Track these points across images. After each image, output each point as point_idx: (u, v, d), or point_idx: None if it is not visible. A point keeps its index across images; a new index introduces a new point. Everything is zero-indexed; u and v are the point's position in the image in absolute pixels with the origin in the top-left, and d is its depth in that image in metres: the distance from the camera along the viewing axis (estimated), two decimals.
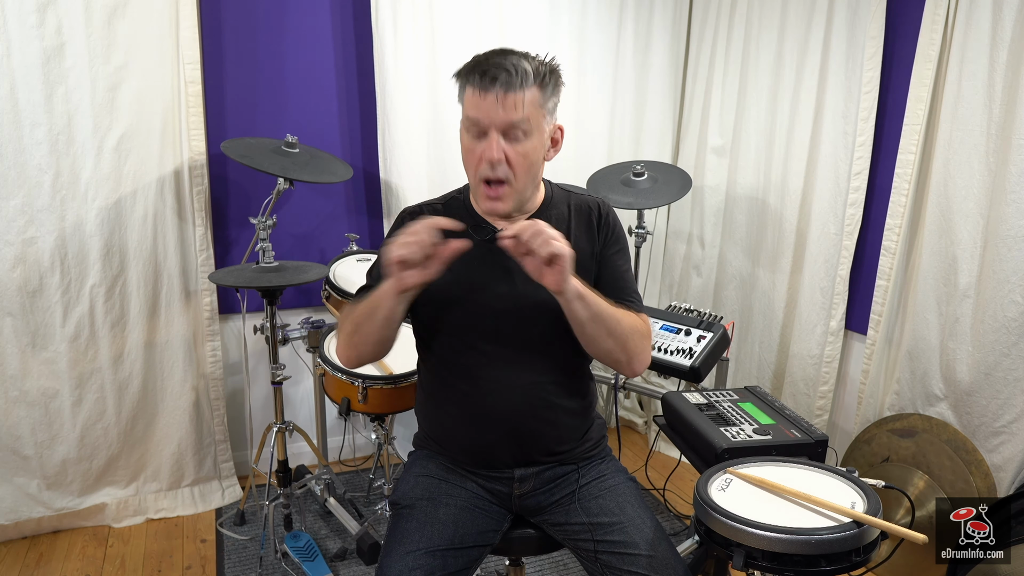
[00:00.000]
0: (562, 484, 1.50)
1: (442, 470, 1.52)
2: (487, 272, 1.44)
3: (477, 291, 1.44)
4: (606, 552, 1.38)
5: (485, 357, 1.44)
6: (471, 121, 1.35)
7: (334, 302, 2.49)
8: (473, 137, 1.36)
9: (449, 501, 1.45)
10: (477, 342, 1.45)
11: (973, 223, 2.12)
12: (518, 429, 1.45)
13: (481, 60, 1.34)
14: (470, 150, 1.37)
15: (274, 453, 2.37)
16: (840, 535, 1.15)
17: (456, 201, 1.52)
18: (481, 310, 1.44)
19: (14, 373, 2.34)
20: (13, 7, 2.13)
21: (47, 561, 2.38)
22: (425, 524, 1.40)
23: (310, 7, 2.65)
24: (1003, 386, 2.06)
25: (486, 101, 1.32)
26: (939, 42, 2.18)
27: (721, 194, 3.04)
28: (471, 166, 1.38)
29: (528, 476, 1.49)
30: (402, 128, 2.71)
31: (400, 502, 1.49)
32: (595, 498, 1.47)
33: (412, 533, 1.38)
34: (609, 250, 1.52)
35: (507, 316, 1.43)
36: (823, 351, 2.64)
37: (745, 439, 1.60)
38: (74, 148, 2.29)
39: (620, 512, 1.43)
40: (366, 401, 2.11)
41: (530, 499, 1.50)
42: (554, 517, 1.49)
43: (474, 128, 1.35)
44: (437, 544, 1.36)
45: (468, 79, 1.34)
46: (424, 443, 1.60)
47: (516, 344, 1.45)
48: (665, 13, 3.07)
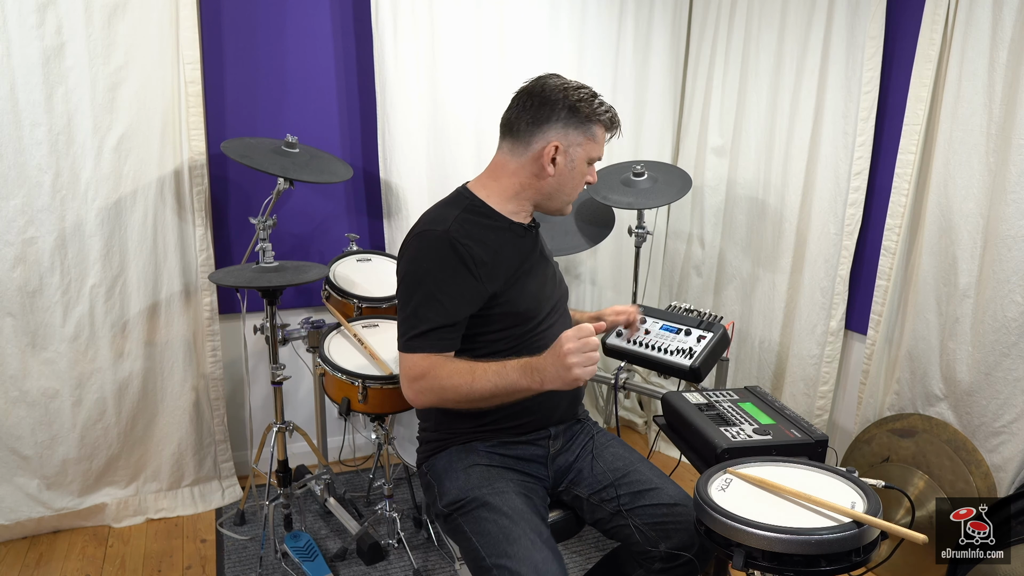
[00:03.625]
0: (576, 440, 1.73)
1: (485, 456, 1.61)
2: (535, 262, 1.66)
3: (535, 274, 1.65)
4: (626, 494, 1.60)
5: (548, 331, 1.63)
6: (596, 157, 1.62)
7: (334, 302, 2.49)
8: (587, 164, 1.62)
9: (509, 487, 1.54)
10: (540, 322, 1.63)
11: (973, 223, 2.12)
12: (575, 390, 1.58)
13: (608, 109, 1.59)
14: (583, 174, 1.62)
15: (274, 453, 2.37)
16: (840, 535, 1.15)
17: (476, 207, 1.60)
18: (542, 294, 1.65)
19: (14, 373, 2.34)
20: (13, 7, 2.13)
21: (47, 561, 2.38)
22: (519, 514, 1.47)
23: (310, 7, 2.65)
24: (1003, 386, 2.06)
25: (605, 143, 1.63)
26: (939, 42, 2.18)
27: (721, 194, 3.04)
28: (578, 185, 1.63)
29: (559, 433, 1.69)
30: (402, 128, 2.71)
31: (465, 496, 1.53)
32: (605, 448, 1.71)
33: (516, 526, 1.44)
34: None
35: (555, 287, 1.71)
36: (823, 351, 2.64)
37: (745, 439, 1.59)
38: (74, 148, 2.29)
39: (629, 457, 1.69)
40: (366, 401, 2.11)
41: (560, 457, 1.69)
42: (578, 476, 1.68)
43: (594, 160, 1.63)
44: (540, 532, 1.46)
45: (608, 125, 1.60)
46: (450, 437, 1.65)
47: (561, 311, 1.72)
48: (665, 13, 3.07)
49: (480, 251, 1.52)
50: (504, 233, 1.59)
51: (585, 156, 1.59)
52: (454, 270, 1.49)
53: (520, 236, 1.63)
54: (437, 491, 1.59)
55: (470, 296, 1.51)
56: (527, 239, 1.65)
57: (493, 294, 1.54)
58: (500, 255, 1.56)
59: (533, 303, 1.61)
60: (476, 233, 1.54)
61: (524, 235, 1.64)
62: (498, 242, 1.57)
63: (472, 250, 1.51)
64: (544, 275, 1.68)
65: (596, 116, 1.56)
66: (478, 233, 1.54)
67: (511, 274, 1.57)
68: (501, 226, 1.60)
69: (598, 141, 1.59)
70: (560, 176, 1.58)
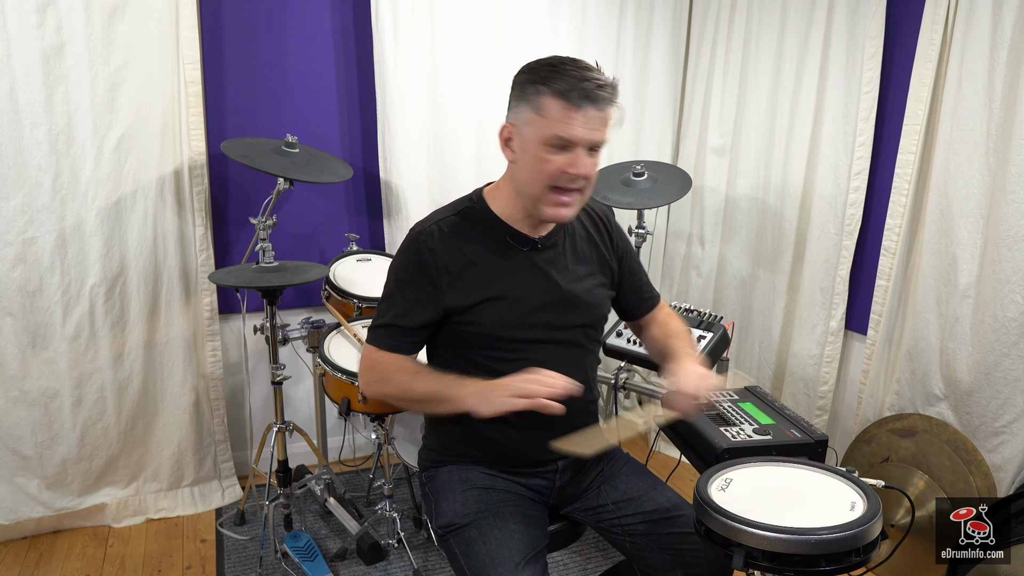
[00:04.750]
0: (588, 470, 1.58)
1: (483, 478, 1.51)
2: (530, 279, 1.45)
3: (522, 300, 1.44)
4: (640, 522, 1.48)
5: (538, 360, 1.41)
6: (559, 138, 1.29)
7: (334, 302, 2.49)
8: (553, 148, 1.31)
9: (506, 510, 1.46)
10: (529, 347, 1.45)
11: (973, 223, 2.12)
12: (572, 423, 1.43)
13: (575, 74, 1.27)
14: (545, 160, 1.31)
15: (274, 453, 2.37)
16: (840, 535, 1.15)
17: (474, 211, 1.47)
18: (531, 318, 1.44)
19: (14, 373, 2.34)
20: (13, 7, 2.13)
21: (47, 561, 2.38)
22: (508, 537, 1.40)
23: (310, 7, 2.65)
24: (1003, 386, 2.06)
25: (583, 119, 1.28)
26: (939, 42, 2.18)
27: (721, 194, 3.04)
28: (543, 175, 1.33)
29: (567, 466, 1.54)
30: (402, 128, 2.71)
31: (459, 522, 1.45)
32: (616, 475, 1.57)
33: (502, 550, 1.37)
34: (625, 262, 1.61)
35: (558, 314, 1.47)
36: (823, 351, 2.64)
37: (745, 439, 1.60)
38: (74, 148, 2.29)
39: (641, 483, 1.54)
40: (366, 401, 2.11)
41: (567, 489, 1.57)
42: (586, 503, 1.56)
43: (559, 142, 1.30)
44: (527, 553, 1.38)
45: (562, 94, 1.27)
46: (449, 457, 1.56)
47: (564, 342, 1.48)
48: (665, 13, 3.07)
49: (448, 259, 1.40)
50: (496, 244, 1.44)
51: (536, 136, 1.30)
52: (415, 273, 1.41)
53: (516, 250, 1.45)
54: (434, 508, 1.53)
55: (425, 301, 1.41)
56: (526, 255, 1.45)
57: (455, 308, 1.41)
58: (476, 267, 1.41)
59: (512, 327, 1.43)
60: (455, 239, 1.42)
61: (523, 250, 1.45)
62: (479, 253, 1.42)
63: (438, 256, 1.40)
64: (547, 297, 1.46)
65: (545, 85, 1.28)
66: (458, 240, 1.42)
67: (486, 292, 1.41)
68: (496, 235, 1.44)
69: (549, 116, 1.28)
70: (520, 164, 1.36)
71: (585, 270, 1.52)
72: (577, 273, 1.50)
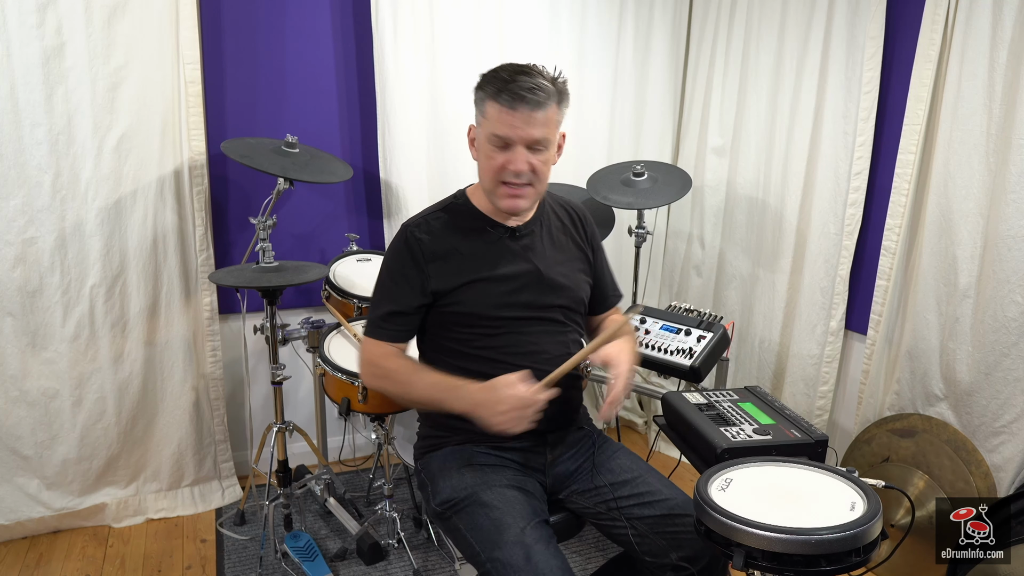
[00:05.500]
0: (581, 450, 1.67)
1: (478, 455, 1.58)
2: (510, 262, 1.59)
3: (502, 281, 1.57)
4: (635, 504, 1.53)
5: (523, 336, 1.58)
6: (497, 137, 1.47)
7: (334, 302, 2.49)
8: (496, 147, 1.48)
9: (503, 482, 1.52)
10: (511, 323, 1.57)
11: (973, 223, 2.12)
12: (560, 395, 1.50)
13: (507, 78, 1.44)
14: (491, 157, 1.49)
15: (274, 453, 2.37)
16: (840, 535, 1.15)
17: (457, 206, 1.63)
18: (511, 297, 1.57)
19: (14, 373, 2.34)
20: (13, 7, 2.13)
21: (47, 561, 2.38)
22: (509, 504, 1.46)
23: (310, 7, 2.65)
24: (1003, 386, 2.06)
25: (514, 118, 1.44)
26: (939, 42, 2.18)
27: (721, 194, 3.04)
28: (491, 171, 1.50)
29: (557, 440, 1.64)
30: (402, 128, 2.71)
31: (458, 496, 1.51)
32: (611, 458, 1.64)
33: (505, 517, 1.43)
34: (598, 259, 1.76)
35: (538, 295, 1.59)
36: (823, 351, 2.64)
37: (745, 439, 1.59)
38: (74, 148, 2.29)
39: (635, 467, 1.62)
40: (366, 401, 2.11)
41: (560, 465, 1.64)
42: (581, 484, 1.62)
43: (498, 141, 1.47)
44: (530, 517, 1.43)
45: (495, 97, 1.45)
46: (442, 438, 1.64)
47: (544, 319, 1.61)
48: (665, 13, 3.07)
49: (435, 246, 1.55)
50: (478, 233, 1.59)
51: (484, 136, 1.50)
52: (404, 259, 1.56)
53: (496, 238, 1.59)
54: (431, 490, 1.59)
55: (415, 284, 1.55)
56: (505, 242, 1.60)
57: (441, 290, 1.55)
58: (460, 253, 1.56)
59: (495, 306, 1.56)
60: (440, 229, 1.58)
61: (503, 237, 1.60)
62: (463, 241, 1.58)
63: (424, 244, 1.55)
64: (526, 279, 1.59)
65: (483, 90, 1.48)
66: (443, 229, 1.58)
67: (470, 274, 1.55)
68: (477, 227, 1.60)
69: (489, 117, 1.47)
70: (478, 161, 1.55)
71: (562, 256, 1.67)
72: (555, 258, 1.65)
